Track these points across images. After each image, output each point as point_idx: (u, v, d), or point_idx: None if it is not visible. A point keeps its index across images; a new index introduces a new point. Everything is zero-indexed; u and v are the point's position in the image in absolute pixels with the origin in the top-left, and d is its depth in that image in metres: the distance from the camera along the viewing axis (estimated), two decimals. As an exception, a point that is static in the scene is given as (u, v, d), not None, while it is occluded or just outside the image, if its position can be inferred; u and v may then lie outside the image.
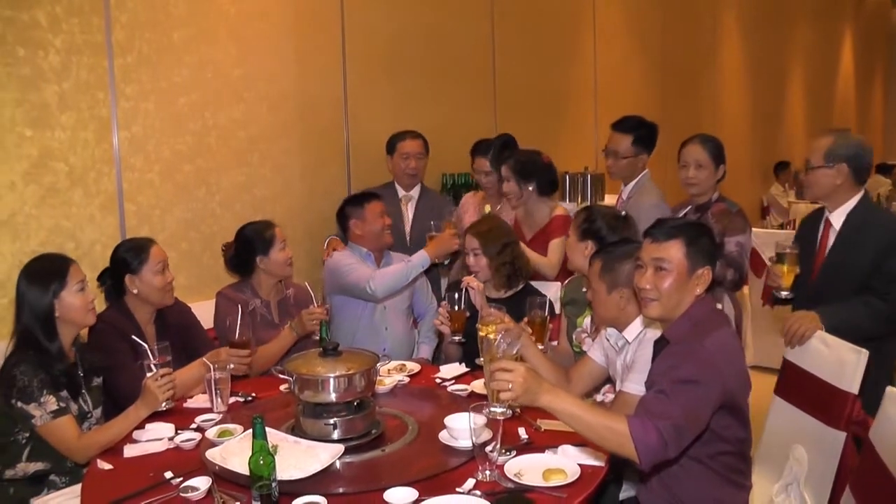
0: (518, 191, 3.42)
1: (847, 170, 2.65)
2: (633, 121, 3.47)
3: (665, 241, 1.93)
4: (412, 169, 3.81)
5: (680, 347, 1.88)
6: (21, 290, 2.28)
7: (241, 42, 3.55)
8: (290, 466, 1.92)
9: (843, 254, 2.64)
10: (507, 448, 2.00)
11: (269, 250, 3.02)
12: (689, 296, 1.94)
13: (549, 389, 1.76)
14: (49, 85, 2.89)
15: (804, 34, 10.07)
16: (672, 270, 1.92)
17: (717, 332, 1.90)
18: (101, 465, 2.09)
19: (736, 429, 1.92)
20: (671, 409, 1.74)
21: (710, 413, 1.82)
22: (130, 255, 2.59)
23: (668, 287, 1.92)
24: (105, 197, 3.09)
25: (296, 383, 2.14)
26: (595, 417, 1.74)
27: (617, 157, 3.44)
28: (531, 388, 1.73)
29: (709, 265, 1.94)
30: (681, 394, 1.76)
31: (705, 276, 1.94)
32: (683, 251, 1.92)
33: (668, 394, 1.77)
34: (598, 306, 2.37)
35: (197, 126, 3.40)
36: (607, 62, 6.11)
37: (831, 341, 2.35)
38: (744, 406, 1.93)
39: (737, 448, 1.95)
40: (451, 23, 4.68)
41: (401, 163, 3.82)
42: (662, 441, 1.71)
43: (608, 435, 1.73)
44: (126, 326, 2.51)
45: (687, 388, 1.78)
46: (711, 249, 1.97)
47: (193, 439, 2.20)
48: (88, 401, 2.33)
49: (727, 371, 1.85)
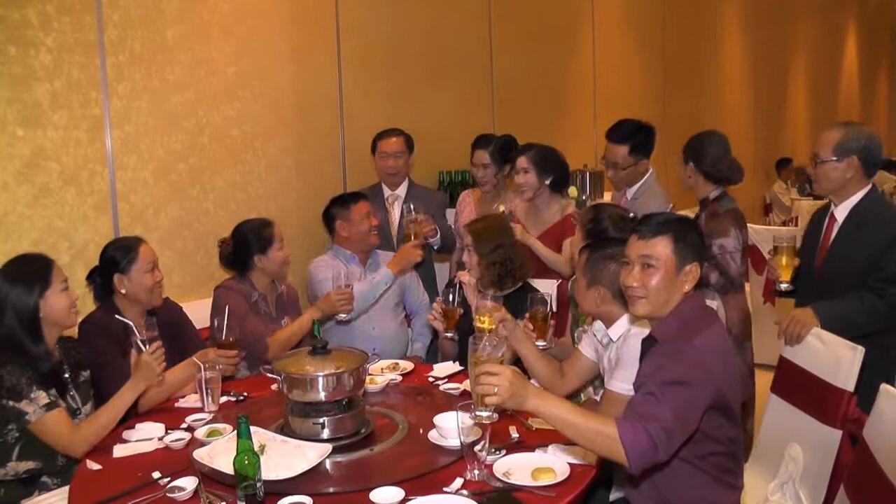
0: (536, 183, 3.39)
1: (857, 163, 2.58)
2: (628, 128, 3.37)
3: (652, 237, 1.89)
4: (391, 168, 3.77)
5: (668, 347, 1.84)
6: (3, 293, 2.22)
7: (236, 40, 3.53)
8: (277, 466, 1.90)
9: (845, 248, 2.60)
10: (496, 447, 1.99)
11: (268, 249, 3.01)
12: (678, 293, 1.90)
13: (537, 393, 1.73)
14: (41, 84, 2.88)
15: (807, 28, 10.00)
16: (660, 267, 1.88)
17: (706, 330, 1.86)
18: (89, 466, 2.08)
19: (727, 429, 1.89)
20: (661, 411, 1.70)
21: (701, 414, 1.78)
22: (119, 255, 2.57)
23: (655, 284, 1.88)
24: (98, 196, 3.07)
25: (284, 382, 2.12)
26: (584, 421, 1.71)
27: (617, 169, 3.38)
28: (517, 391, 1.69)
29: (697, 261, 1.91)
30: (670, 396, 1.73)
31: (693, 273, 1.90)
32: (671, 247, 1.88)
33: (657, 396, 1.73)
34: (579, 298, 2.38)
35: (191, 124, 3.38)
36: (607, 58, 6.08)
37: (827, 338, 2.32)
38: (735, 406, 1.90)
39: (728, 448, 1.91)
40: (448, 19, 4.66)
41: (380, 162, 3.80)
42: (653, 444, 1.68)
43: (597, 439, 1.70)
44: (114, 327, 2.49)
45: (676, 390, 1.74)
46: (699, 246, 1.94)
47: (183, 439, 2.19)
48: (77, 398, 2.32)
49: (717, 371, 1.82)
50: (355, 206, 3.33)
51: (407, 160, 3.83)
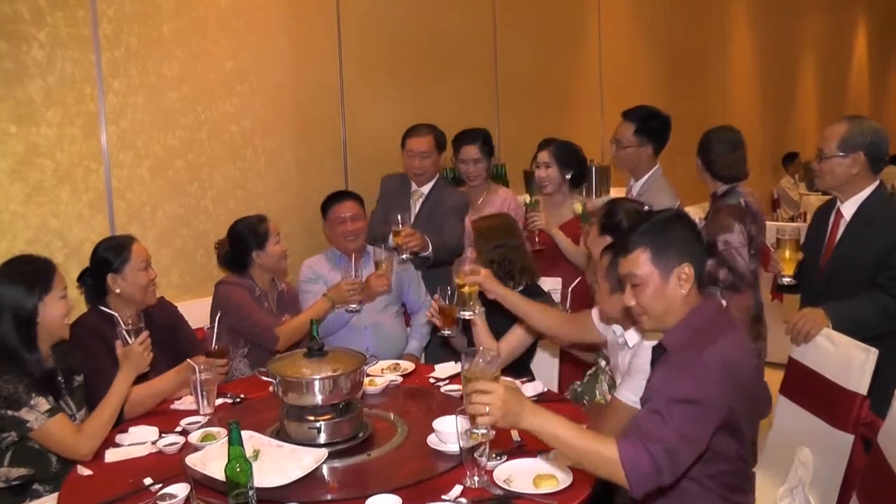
0: (559, 177, 3.38)
1: (863, 158, 2.51)
2: (642, 111, 3.40)
3: (629, 252, 1.80)
4: (417, 168, 3.58)
5: (677, 359, 1.72)
6: None
7: (234, 34, 3.47)
8: (271, 472, 1.85)
9: (852, 246, 2.54)
10: (497, 452, 1.93)
11: (265, 244, 2.98)
12: (676, 300, 1.78)
13: (533, 410, 1.65)
14: (33, 80, 2.83)
15: (816, 23, 9.87)
16: (644, 283, 1.78)
17: (720, 340, 1.72)
18: (80, 472, 2.03)
19: (736, 446, 1.77)
20: (665, 431, 1.60)
21: (710, 434, 1.66)
22: (111, 254, 2.52)
23: (646, 300, 1.79)
24: (94, 194, 3.03)
25: (279, 385, 2.07)
26: (582, 441, 1.62)
27: (619, 146, 3.39)
28: (511, 410, 1.61)
29: (687, 260, 1.77)
30: (677, 414, 1.61)
31: (685, 273, 1.77)
32: (649, 258, 1.78)
33: (662, 413, 1.62)
34: (601, 303, 2.30)
35: (188, 120, 3.33)
36: (613, 52, 5.98)
37: (838, 339, 2.25)
38: (744, 425, 1.76)
39: (738, 466, 1.80)
40: (451, 11, 4.58)
41: (407, 160, 3.63)
42: (655, 467, 1.57)
43: (597, 460, 1.61)
44: (106, 330, 2.41)
45: (683, 408, 1.62)
46: (687, 240, 1.80)
47: (177, 443, 2.14)
48: (72, 404, 2.26)
49: (730, 387, 1.68)
50: (336, 206, 3.19)
51: (435, 160, 3.64)
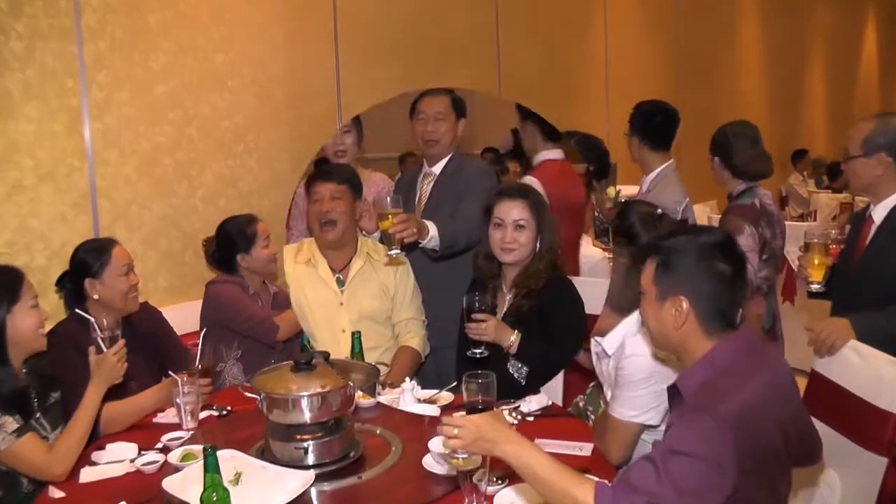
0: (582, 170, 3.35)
1: (888, 159, 2.37)
2: (645, 105, 3.30)
3: (644, 260, 1.64)
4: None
5: (689, 407, 1.48)
6: None
7: (225, 25, 3.33)
8: (252, 497, 1.71)
9: (879, 252, 2.39)
10: (498, 476, 1.78)
11: (251, 248, 2.85)
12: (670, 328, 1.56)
13: (510, 439, 1.49)
14: (12, 73, 2.69)
15: (825, 16, 9.70)
16: (645, 294, 1.62)
17: (747, 386, 1.46)
18: (52, 493, 1.89)
19: None
20: (656, 486, 1.36)
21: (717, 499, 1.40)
22: (91, 257, 2.37)
23: (644, 312, 1.64)
24: (77, 194, 2.89)
25: (264, 402, 1.91)
26: (558, 479, 1.43)
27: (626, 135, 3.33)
28: (484, 435, 1.47)
29: (684, 294, 1.54)
30: (673, 468, 1.37)
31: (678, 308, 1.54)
32: (653, 273, 1.60)
33: (657, 464, 1.39)
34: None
35: (177, 116, 3.19)
36: (620, 44, 5.82)
37: (866, 352, 2.09)
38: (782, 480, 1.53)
39: None
40: (451, 2, 4.43)
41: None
42: None
43: (566, 502, 1.42)
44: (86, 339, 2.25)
45: (682, 463, 1.37)
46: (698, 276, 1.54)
47: (156, 462, 1.99)
48: (45, 422, 2.09)
49: (748, 448, 1.40)
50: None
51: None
